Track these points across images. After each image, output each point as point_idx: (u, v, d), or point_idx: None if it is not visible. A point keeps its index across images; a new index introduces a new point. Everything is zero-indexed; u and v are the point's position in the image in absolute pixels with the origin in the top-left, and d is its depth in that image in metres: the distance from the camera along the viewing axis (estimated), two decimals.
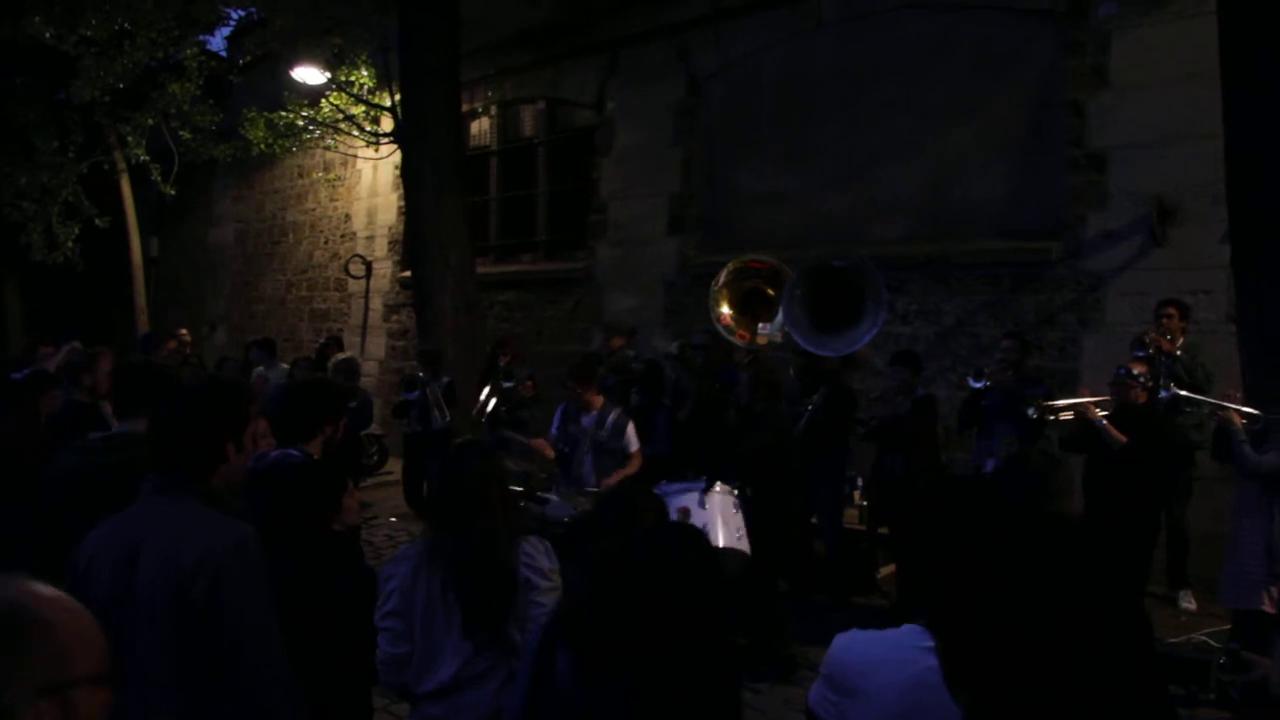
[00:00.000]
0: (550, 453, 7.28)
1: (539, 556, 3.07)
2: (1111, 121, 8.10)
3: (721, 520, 5.52)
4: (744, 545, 5.63)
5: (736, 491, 5.76)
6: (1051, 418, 6.54)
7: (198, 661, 2.25)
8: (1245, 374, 5.45)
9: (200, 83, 15.27)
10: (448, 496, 3.14)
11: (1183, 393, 6.00)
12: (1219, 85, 5.43)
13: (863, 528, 7.81)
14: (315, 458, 3.72)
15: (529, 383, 9.40)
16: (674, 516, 5.33)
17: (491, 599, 2.97)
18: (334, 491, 3.26)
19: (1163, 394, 5.92)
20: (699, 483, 5.65)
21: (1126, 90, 8.02)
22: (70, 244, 16.70)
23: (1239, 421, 5.32)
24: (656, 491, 5.46)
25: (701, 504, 5.55)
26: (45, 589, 1.20)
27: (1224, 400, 5.60)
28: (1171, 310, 6.93)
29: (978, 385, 7.06)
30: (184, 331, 12.99)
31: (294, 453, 3.69)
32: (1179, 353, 6.65)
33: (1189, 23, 7.42)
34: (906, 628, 2.02)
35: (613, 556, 2.29)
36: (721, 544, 5.39)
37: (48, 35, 13.86)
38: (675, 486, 5.64)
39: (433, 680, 2.98)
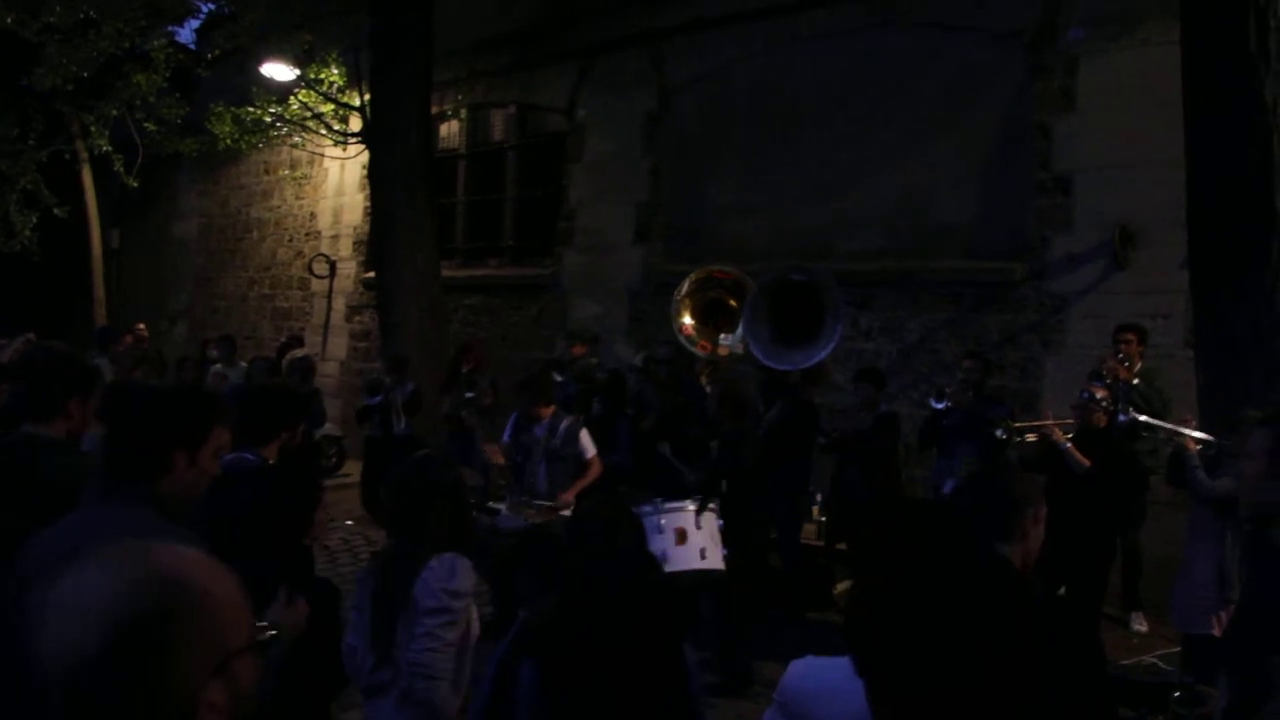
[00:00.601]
0: (501, 459, 7.24)
1: (450, 578, 3.02)
2: (1078, 145, 8.17)
3: (711, 541, 5.49)
4: (722, 563, 5.63)
5: (697, 507, 5.73)
6: (1018, 439, 6.57)
7: None
8: (1202, 399, 5.49)
9: (167, 75, 15.05)
10: (393, 506, 3.13)
11: (1141, 418, 6.04)
12: (1181, 112, 5.48)
13: (821, 543, 7.80)
14: (270, 462, 3.67)
15: (490, 390, 9.33)
16: (670, 535, 5.32)
17: (381, 615, 3.02)
18: (303, 503, 3.20)
19: (1120, 418, 5.96)
20: (688, 500, 5.60)
21: (1093, 115, 8.10)
22: (28, 233, 16.40)
23: (1194, 447, 5.36)
24: (650, 508, 5.47)
25: (698, 525, 5.51)
26: (198, 556, 1.16)
27: (1180, 426, 5.64)
28: (1130, 335, 6.98)
29: (939, 405, 7.08)
30: (141, 326, 12.81)
31: (249, 457, 3.64)
32: (1136, 380, 6.71)
33: (1155, 50, 7.49)
34: None
35: (579, 574, 2.27)
36: (713, 565, 5.38)
37: (9, 21, 13.63)
38: (671, 505, 5.58)
39: (362, 679, 3.07)
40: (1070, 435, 6.18)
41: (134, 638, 1.03)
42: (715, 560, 5.49)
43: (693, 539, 5.32)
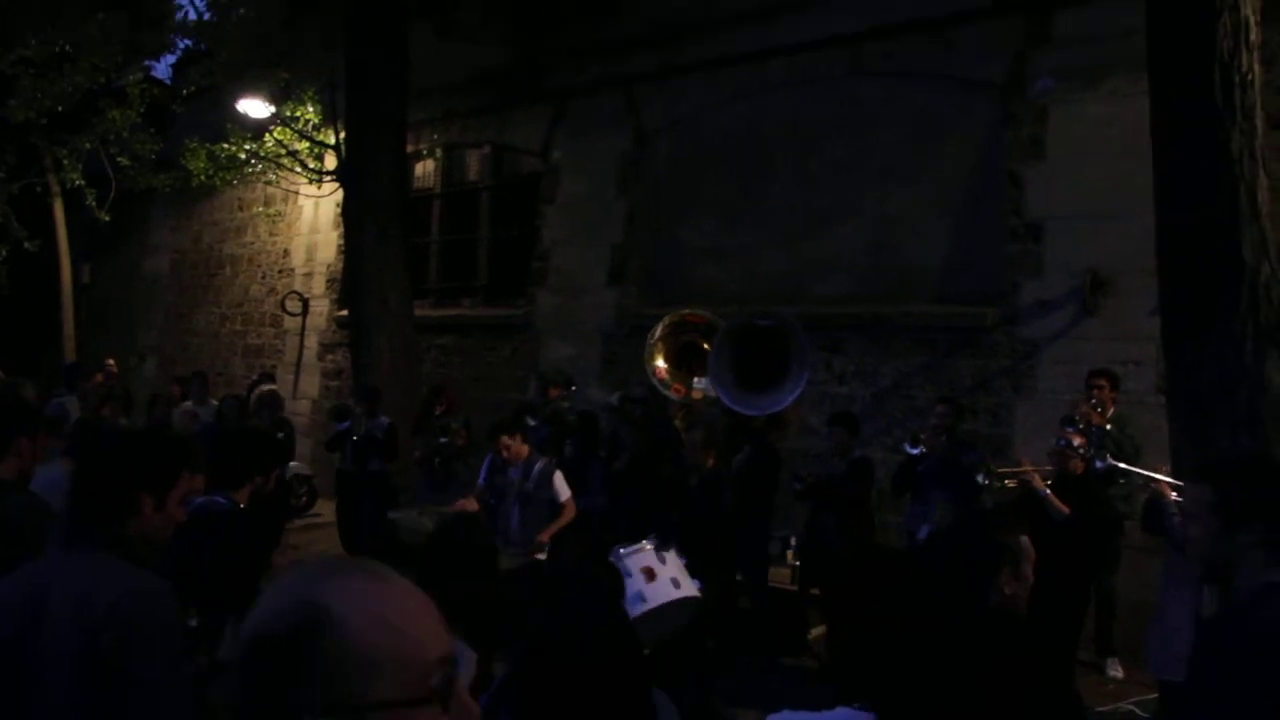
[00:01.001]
0: (474, 507, 7.19)
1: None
2: (1048, 193, 8.26)
3: (680, 571, 5.46)
4: (697, 591, 5.57)
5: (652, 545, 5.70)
6: (998, 485, 6.57)
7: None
8: (1174, 447, 5.51)
9: (141, 110, 15.02)
10: (430, 560, 3.04)
11: (1120, 465, 6.07)
12: (1150, 162, 5.55)
13: (794, 588, 7.76)
14: (242, 506, 3.62)
15: (462, 431, 9.26)
16: (639, 576, 5.27)
17: None
18: (265, 549, 3.15)
19: (1098, 464, 5.99)
20: (646, 541, 5.56)
21: (1063, 163, 8.20)
22: None
23: (1170, 493, 5.38)
24: (610, 557, 5.42)
25: (662, 560, 5.46)
26: (377, 589, 1.10)
27: (1154, 472, 5.66)
28: (1102, 381, 7.02)
29: (914, 451, 7.08)
30: (111, 363, 12.69)
31: (220, 500, 3.59)
32: (1109, 426, 6.74)
33: (1124, 100, 7.60)
34: (840, 711, 1.96)
35: (537, 627, 2.25)
36: (686, 593, 5.34)
37: None
38: (629, 549, 5.53)
39: None
40: (1048, 483, 6.20)
41: (260, 644, 1.06)
42: (690, 588, 5.46)
43: (661, 573, 5.28)
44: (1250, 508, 2.24)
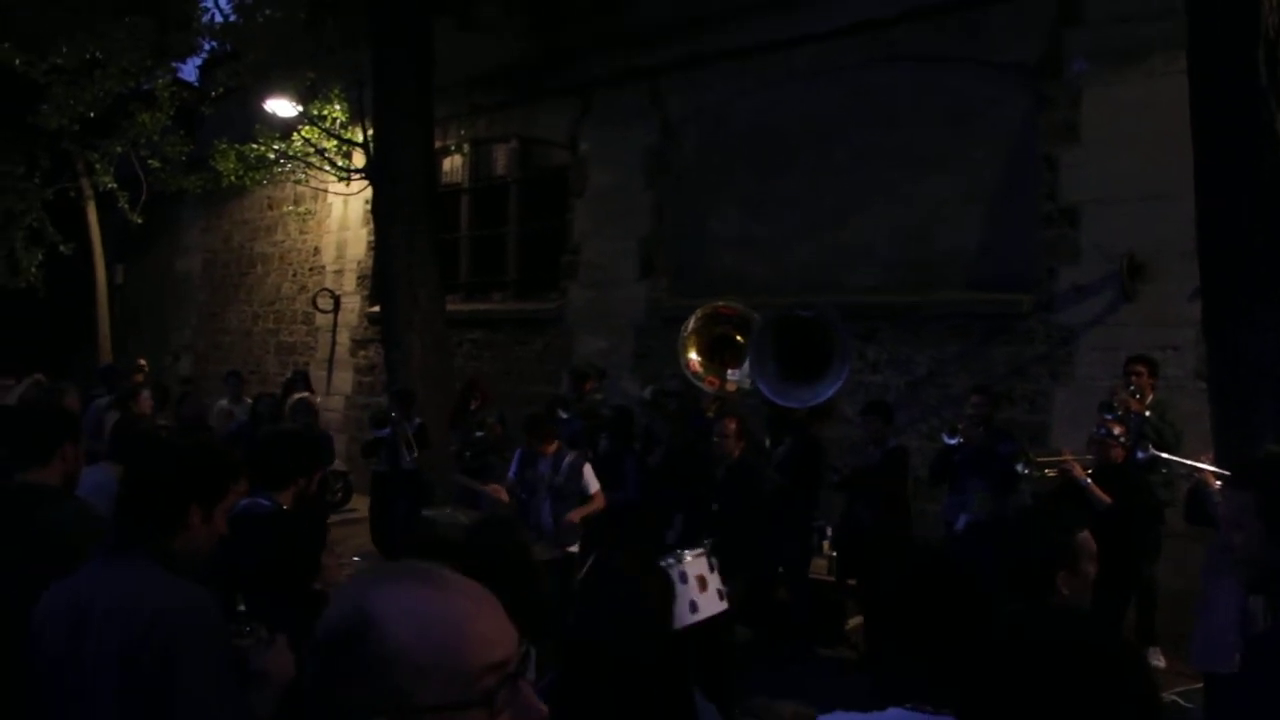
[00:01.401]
0: (505, 497, 7.22)
1: None
2: (1084, 176, 8.15)
3: (720, 581, 5.37)
4: (724, 603, 5.51)
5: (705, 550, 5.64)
6: (1037, 474, 6.51)
7: None
8: (1216, 433, 5.43)
9: (171, 113, 15.14)
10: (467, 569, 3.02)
11: (1163, 455, 5.98)
12: (1188, 143, 5.45)
13: (831, 578, 7.73)
14: (285, 508, 3.62)
15: (497, 426, 9.27)
16: (694, 584, 5.22)
17: None
18: (312, 548, 3.14)
19: (1139, 455, 5.90)
20: (699, 548, 5.49)
21: (1098, 146, 8.08)
22: (33, 270, 16.46)
23: (1214, 482, 5.29)
24: (671, 559, 5.37)
25: (712, 567, 5.36)
26: (426, 594, 1.11)
27: (1197, 461, 5.58)
28: (1140, 368, 6.92)
29: (952, 442, 7.01)
30: (142, 362, 12.79)
31: (264, 502, 3.59)
32: (1148, 413, 6.65)
33: (1159, 81, 7.49)
34: (893, 712, 1.95)
35: (578, 628, 2.24)
36: (711, 612, 5.28)
37: (17, 63, 13.72)
38: (690, 552, 5.43)
39: None
40: (1089, 472, 6.12)
41: (324, 647, 1.10)
42: (724, 600, 5.42)
43: (710, 583, 5.25)
44: None
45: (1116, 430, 6.13)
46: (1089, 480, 6.06)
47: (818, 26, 9.68)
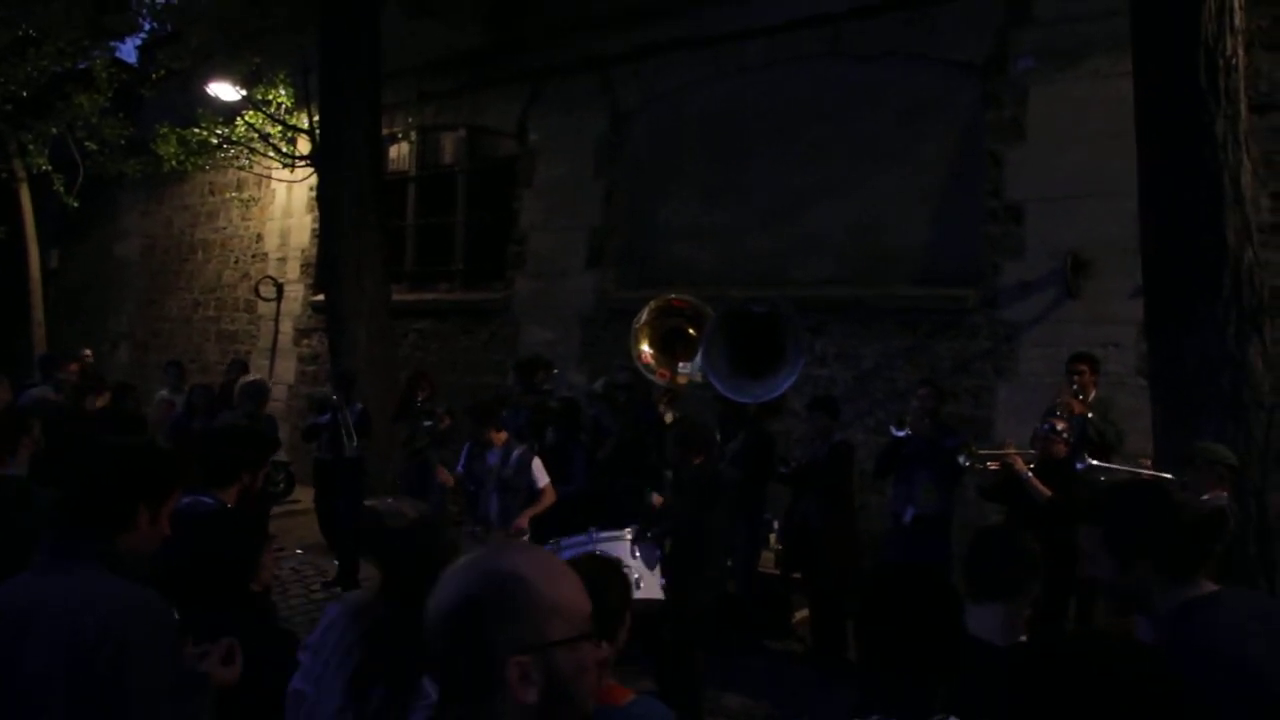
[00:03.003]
0: (450, 480, 7.18)
1: None
2: (1029, 174, 8.25)
3: (647, 569, 5.47)
4: (660, 592, 5.58)
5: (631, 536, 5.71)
6: (979, 466, 6.57)
7: None
8: (1157, 433, 5.52)
9: (109, 94, 14.77)
10: (400, 567, 2.98)
11: (1100, 464, 6.08)
12: (1133, 142, 5.53)
13: (778, 572, 7.77)
14: (229, 505, 3.56)
15: (445, 417, 9.19)
16: None
17: (377, 679, 2.81)
18: (253, 550, 3.07)
19: (1078, 466, 5.99)
20: (625, 529, 5.57)
21: (1043, 144, 8.18)
22: None
23: None
24: (584, 537, 5.42)
25: (634, 553, 5.48)
26: (539, 558, 1.48)
27: (1137, 467, 5.69)
28: (1083, 366, 7.02)
29: (900, 434, 7.05)
30: (88, 353, 12.50)
31: (206, 500, 3.53)
32: (1090, 414, 6.76)
33: (1104, 81, 7.59)
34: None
35: None
36: (650, 595, 5.34)
37: None
38: (604, 535, 5.56)
39: None
40: (1031, 466, 6.20)
41: (464, 606, 1.39)
42: (652, 590, 5.47)
43: (628, 569, 5.27)
44: (1139, 539, 2.26)
45: (1060, 426, 6.21)
46: (1030, 474, 6.14)
47: (770, 18, 9.69)
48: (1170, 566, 2.24)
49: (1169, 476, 5.05)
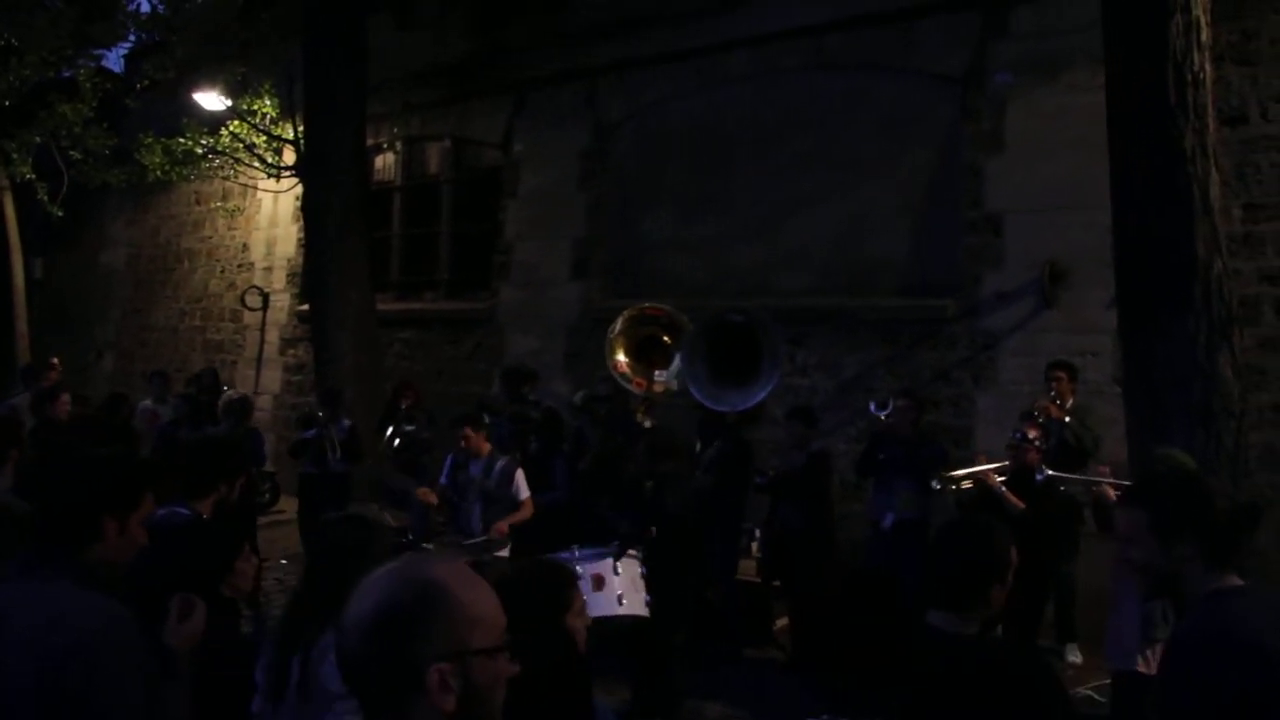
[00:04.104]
0: (434, 499, 7.17)
1: None
2: (1007, 185, 8.34)
3: (631, 586, 5.46)
4: (644, 609, 5.57)
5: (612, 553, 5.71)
6: (954, 486, 6.64)
7: None
8: (1131, 440, 5.59)
9: (94, 104, 14.74)
10: (311, 569, 3.00)
11: (1060, 474, 6.17)
12: (1108, 155, 5.63)
13: (758, 580, 7.81)
14: (205, 517, 3.58)
15: (426, 423, 9.23)
16: (588, 582, 5.26)
17: (279, 688, 2.78)
18: (224, 555, 3.09)
19: (1039, 477, 6.08)
20: (609, 547, 5.56)
21: (1022, 156, 8.27)
22: None
23: (1112, 495, 5.47)
24: (566, 555, 5.42)
25: (616, 570, 5.47)
26: (460, 570, 1.50)
27: (1096, 475, 5.78)
28: (1061, 374, 7.10)
29: (881, 413, 7.07)
30: (55, 361, 12.45)
31: (182, 511, 3.56)
32: (1067, 419, 6.83)
33: (1081, 95, 7.66)
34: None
35: None
36: (634, 611, 5.34)
37: None
38: (588, 552, 5.54)
39: None
40: (1004, 479, 6.27)
41: (388, 612, 1.40)
42: (636, 606, 5.45)
43: (610, 584, 5.28)
44: (1183, 523, 2.38)
45: (1032, 434, 6.28)
46: (1003, 489, 6.21)
47: (753, 31, 9.77)
48: (1208, 554, 2.36)
49: (1128, 484, 5.14)
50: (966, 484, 6.53)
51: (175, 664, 2.47)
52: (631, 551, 5.61)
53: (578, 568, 5.22)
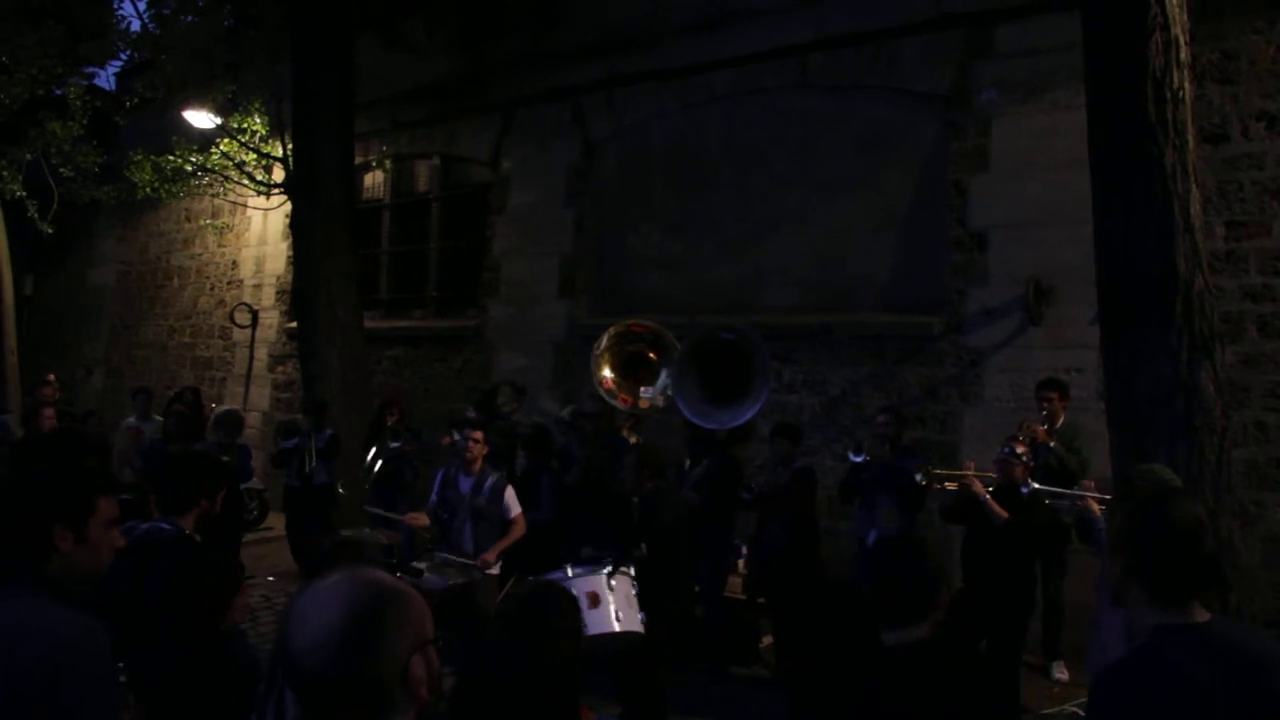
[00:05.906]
0: (425, 521, 7.12)
1: None
2: (992, 202, 8.37)
3: (626, 603, 5.44)
4: (640, 626, 5.55)
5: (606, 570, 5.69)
6: (938, 486, 6.64)
7: None
8: (1114, 456, 5.60)
9: (84, 122, 14.73)
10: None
11: (1045, 488, 6.18)
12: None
13: (744, 597, 7.80)
14: (188, 532, 3.57)
15: (413, 439, 9.21)
16: (583, 600, 5.24)
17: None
18: (222, 589, 3.08)
19: (1024, 490, 6.09)
20: (602, 563, 5.54)
21: (1006, 173, 8.31)
22: None
23: (1097, 509, 5.47)
24: (560, 574, 5.40)
25: (610, 587, 5.44)
26: (384, 571, 1.58)
27: (1081, 490, 5.79)
28: (1052, 394, 7.12)
29: (857, 459, 7.14)
30: (51, 377, 12.40)
31: (165, 526, 3.54)
32: (1053, 443, 6.86)
33: (1065, 113, 7.74)
34: None
35: (469, 661, 2.26)
36: (630, 628, 5.32)
37: None
38: (581, 569, 5.52)
39: None
40: (990, 489, 6.27)
41: (364, 616, 1.45)
42: (631, 623, 5.43)
43: (605, 602, 5.26)
44: (1132, 559, 2.18)
45: (1020, 450, 6.29)
46: (988, 496, 6.21)
47: (736, 50, 9.83)
48: (1155, 587, 2.14)
49: (1109, 497, 5.16)
50: (950, 485, 6.53)
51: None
52: (624, 569, 5.60)
53: (573, 585, 5.20)
